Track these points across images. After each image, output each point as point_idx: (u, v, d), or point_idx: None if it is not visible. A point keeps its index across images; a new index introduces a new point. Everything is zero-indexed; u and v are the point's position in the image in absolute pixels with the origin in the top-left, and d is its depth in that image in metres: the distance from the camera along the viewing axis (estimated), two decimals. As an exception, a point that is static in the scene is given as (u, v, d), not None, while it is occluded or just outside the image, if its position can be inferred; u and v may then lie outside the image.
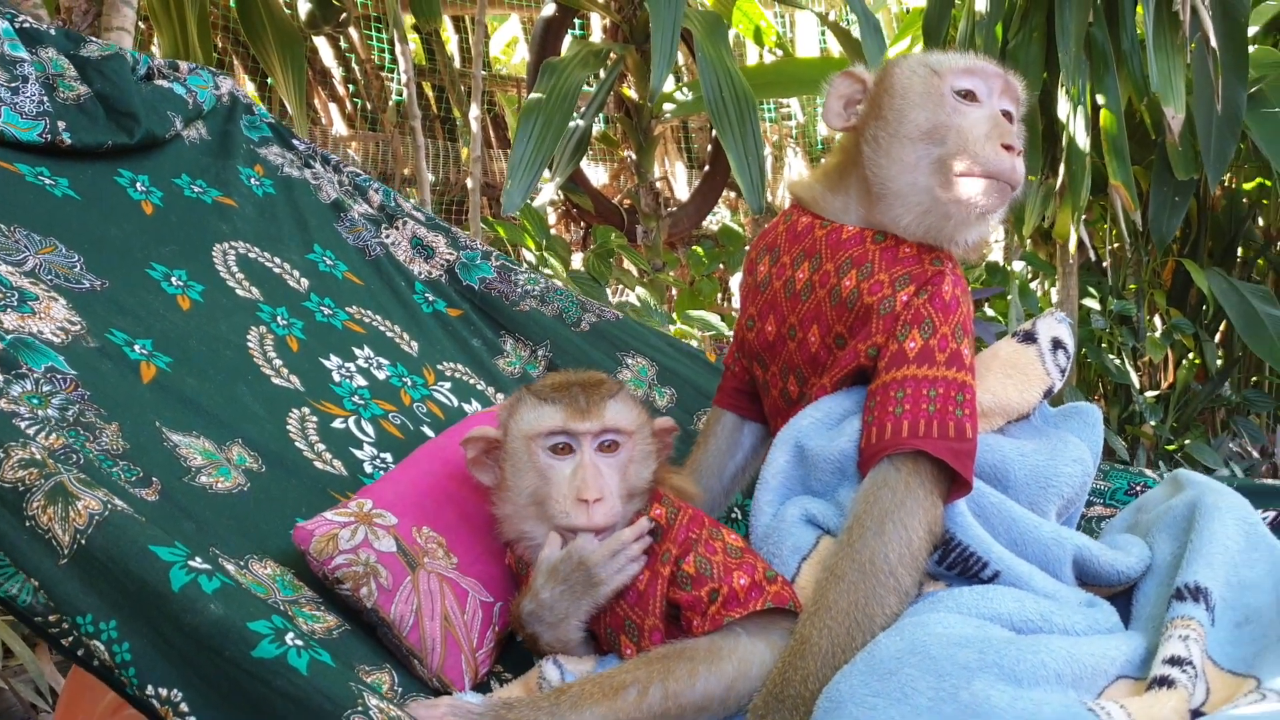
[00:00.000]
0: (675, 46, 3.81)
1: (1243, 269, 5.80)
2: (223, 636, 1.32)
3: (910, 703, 1.44)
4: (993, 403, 1.91)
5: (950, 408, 1.78)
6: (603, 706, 1.54)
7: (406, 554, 1.78)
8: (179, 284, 2.16)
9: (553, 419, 1.79)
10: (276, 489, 1.88)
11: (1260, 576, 1.71)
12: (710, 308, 5.23)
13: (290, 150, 2.71)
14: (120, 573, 1.36)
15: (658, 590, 1.74)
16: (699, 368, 2.66)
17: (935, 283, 1.88)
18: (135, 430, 1.75)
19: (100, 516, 1.39)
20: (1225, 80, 4.47)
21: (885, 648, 1.53)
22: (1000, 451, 1.88)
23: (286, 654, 1.32)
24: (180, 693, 1.32)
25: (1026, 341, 1.98)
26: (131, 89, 2.34)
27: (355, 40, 6.25)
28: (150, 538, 1.39)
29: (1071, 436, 1.97)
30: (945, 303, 1.86)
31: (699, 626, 1.68)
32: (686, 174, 7.29)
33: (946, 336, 1.84)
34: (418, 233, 2.72)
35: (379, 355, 2.35)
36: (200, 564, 1.39)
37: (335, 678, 1.33)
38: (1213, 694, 1.56)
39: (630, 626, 1.75)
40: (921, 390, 1.80)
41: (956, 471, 1.74)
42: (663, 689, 1.58)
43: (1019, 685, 1.46)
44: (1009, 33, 4.59)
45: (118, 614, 1.35)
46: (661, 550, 1.77)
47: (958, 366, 1.82)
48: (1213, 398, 5.51)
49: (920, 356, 1.82)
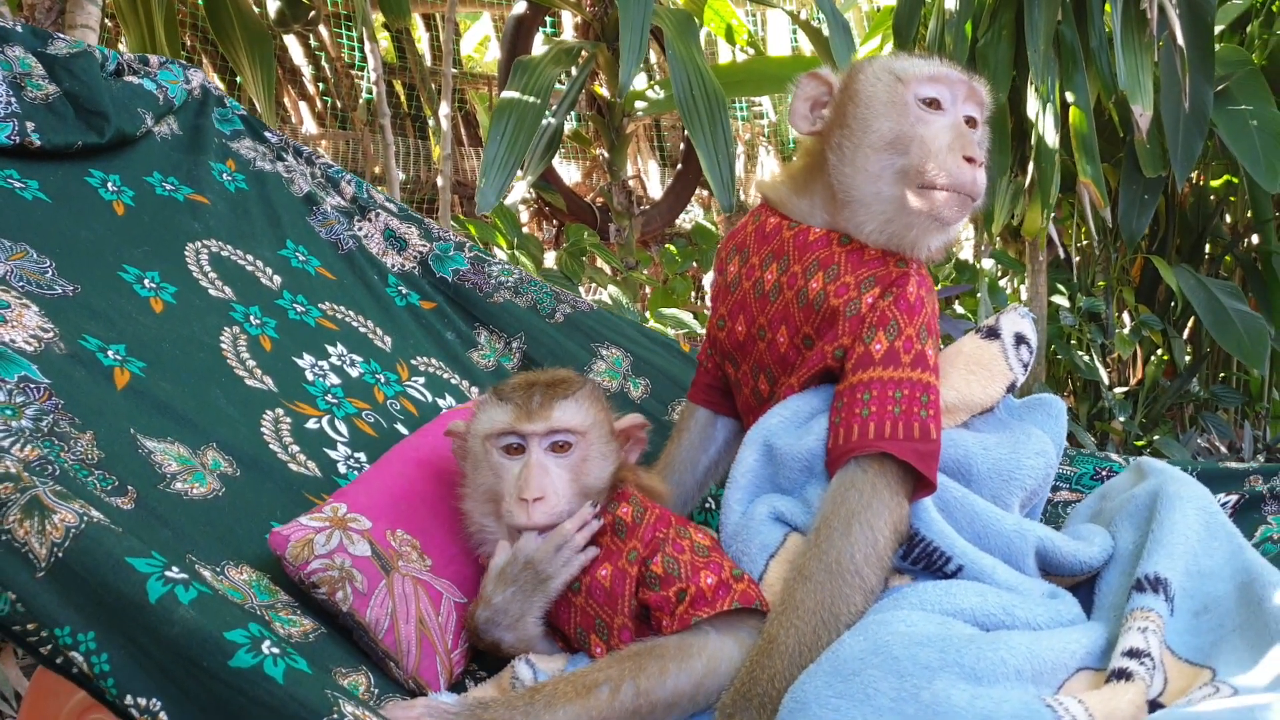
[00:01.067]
0: (644, 44, 3.81)
1: (1210, 265, 5.86)
2: (199, 647, 1.33)
3: (873, 703, 1.47)
4: (956, 399, 1.94)
5: (915, 409, 1.81)
6: (576, 705, 1.55)
7: (381, 558, 1.79)
8: (151, 286, 2.14)
9: (503, 419, 1.84)
10: (251, 493, 1.88)
11: (1219, 565, 1.74)
12: (684, 306, 5.24)
13: (262, 143, 2.68)
14: (97, 585, 1.36)
15: (625, 589, 1.76)
16: (673, 358, 2.67)
17: (900, 284, 1.90)
18: (110, 438, 1.75)
19: (77, 529, 1.39)
20: (1192, 78, 4.52)
21: (849, 648, 1.55)
22: (964, 446, 1.90)
23: (263, 663, 1.32)
24: (159, 702, 1.33)
25: (990, 337, 2.01)
26: (101, 87, 2.31)
27: (325, 38, 6.21)
28: (126, 549, 1.39)
29: (1035, 429, 1.99)
30: (910, 304, 1.88)
31: (668, 626, 1.70)
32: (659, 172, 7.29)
33: (911, 338, 1.86)
34: (390, 224, 2.71)
35: (352, 352, 2.34)
36: (177, 573, 1.39)
37: (311, 685, 1.33)
38: (1170, 684, 1.58)
39: (600, 625, 1.77)
40: (887, 392, 1.82)
41: (921, 473, 1.77)
42: (634, 686, 1.59)
43: (979, 684, 1.49)
44: (978, 31, 4.62)
45: (95, 626, 1.36)
46: (628, 549, 1.80)
47: (922, 367, 1.84)
48: (1181, 393, 5.56)
49: (886, 359, 1.85)
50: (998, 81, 4.53)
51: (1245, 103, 4.90)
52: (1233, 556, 1.74)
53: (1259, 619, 1.60)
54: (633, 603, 1.76)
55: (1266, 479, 2.16)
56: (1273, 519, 2.08)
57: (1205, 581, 1.72)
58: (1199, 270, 5.51)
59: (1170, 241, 5.61)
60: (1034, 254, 4.91)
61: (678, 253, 5.46)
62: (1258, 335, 4.98)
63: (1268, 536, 2.04)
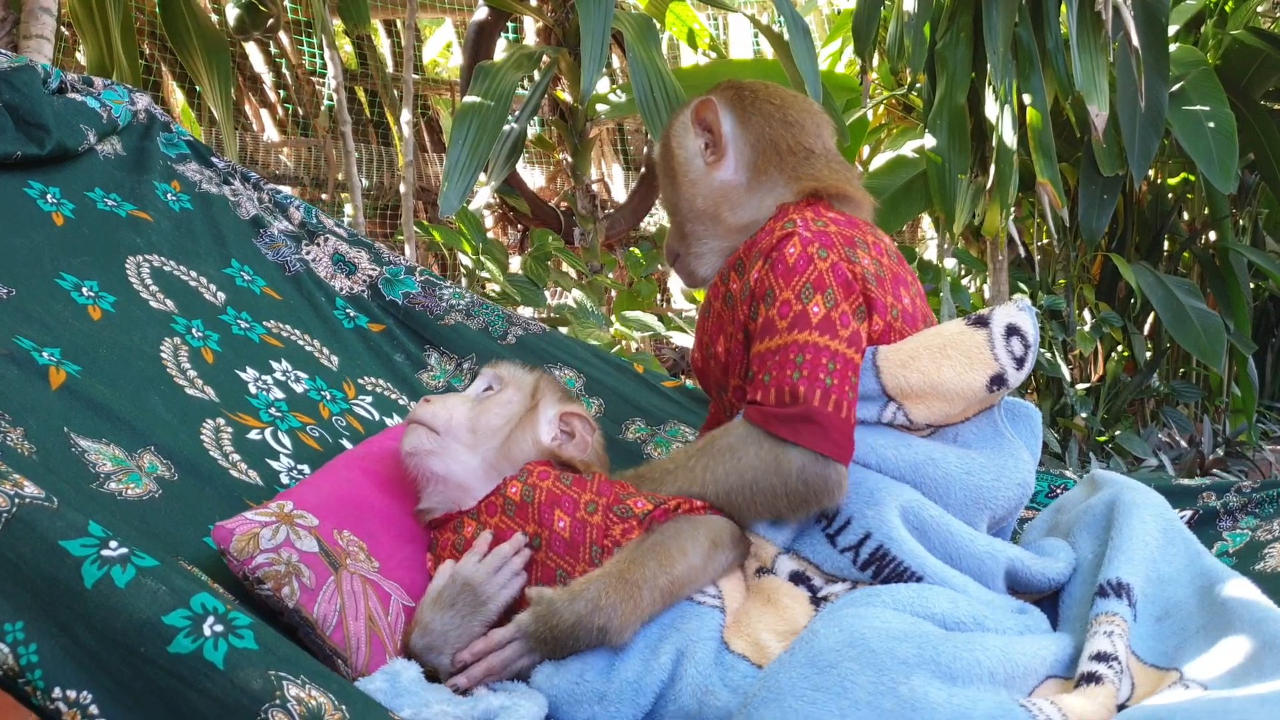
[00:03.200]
0: (605, 49, 3.81)
1: (1169, 262, 5.93)
2: (136, 633, 1.29)
3: (850, 696, 1.45)
4: (922, 381, 1.86)
5: (788, 371, 1.80)
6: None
7: (329, 554, 1.76)
8: (90, 294, 2.12)
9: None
10: (190, 497, 1.85)
11: (1178, 571, 1.74)
12: (649, 309, 5.24)
13: (209, 167, 2.67)
14: (30, 571, 1.32)
15: (587, 538, 1.80)
16: (626, 379, 2.66)
17: (780, 247, 1.89)
18: (42, 435, 1.71)
19: (9, 513, 1.35)
20: (1147, 78, 4.57)
21: (825, 639, 1.53)
22: (944, 467, 1.87)
23: (202, 647, 1.29)
24: (90, 694, 1.28)
25: (977, 325, 1.90)
26: (42, 100, 2.29)
27: (286, 45, 6.18)
28: (60, 531, 1.35)
29: (1025, 453, 1.94)
30: (789, 266, 1.86)
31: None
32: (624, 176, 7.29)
33: (789, 301, 1.84)
34: (339, 249, 2.69)
35: (297, 369, 2.33)
36: (115, 549, 1.35)
37: (254, 666, 1.30)
38: (1137, 688, 1.59)
39: (561, 576, 1.80)
40: (765, 363, 1.83)
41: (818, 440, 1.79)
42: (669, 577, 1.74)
43: (954, 683, 1.48)
44: (937, 33, 4.66)
45: (25, 615, 1.31)
46: (584, 501, 1.84)
47: (800, 328, 1.82)
48: (1142, 389, 5.62)
49: (764, 330, 1.86)
50: (957, 83, 4.57)
51: (1200, 103, 4.96)
52: (1191, 562, 1.75)
53: (1221, 618, 1.61)
54: (592, 551, 1.80)
55: (1219, 494, 2.17)
56: (1228, 534, 2.09)
57: (1166, 587, 1.72)
58: (1158, 267, 5.58)
59: (1129, 239, 5.67)
60: (995, 253, 4.96)
61: (642, 256, 5.46)
62: (1214, 334, 5.05)
63: (1224, 552, 2.05)
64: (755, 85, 2.16)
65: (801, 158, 2.08)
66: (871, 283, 1.89)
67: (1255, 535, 2.05)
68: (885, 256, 1.98)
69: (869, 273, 1.90)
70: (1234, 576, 1.69)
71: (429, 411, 1.94)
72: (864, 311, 1.88)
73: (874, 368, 1.87)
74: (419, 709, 1.55)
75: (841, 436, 1.79)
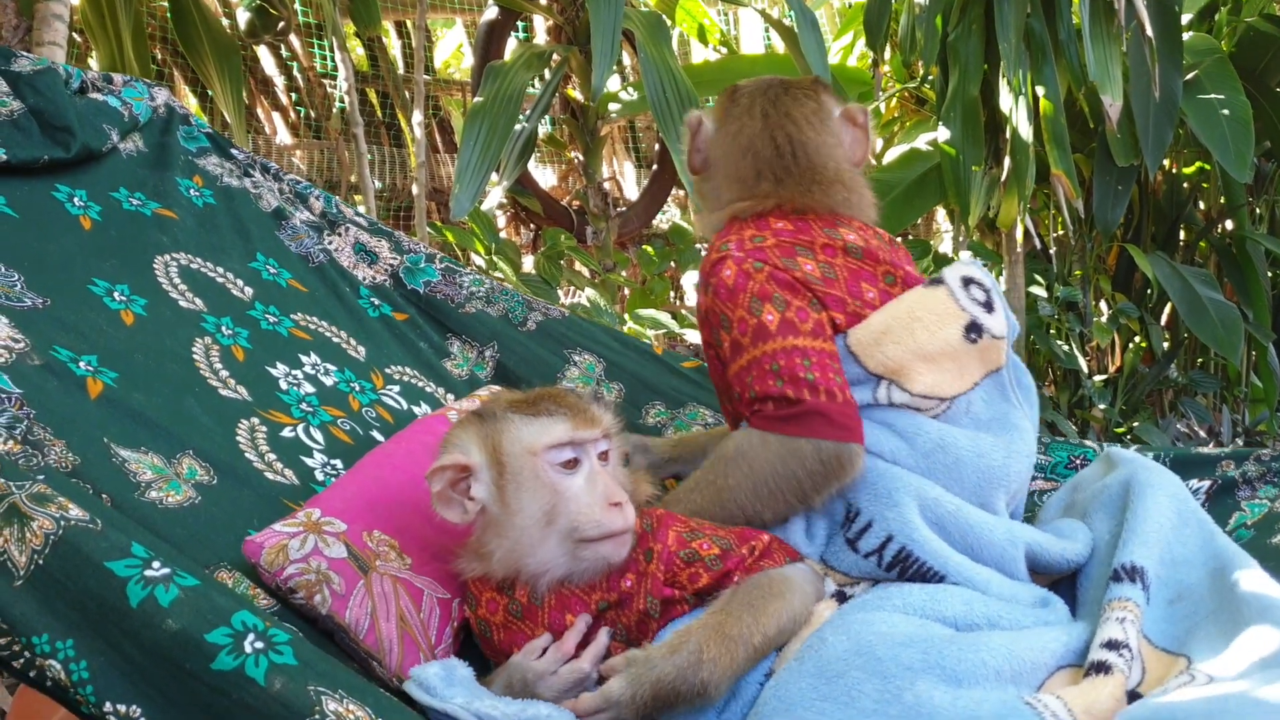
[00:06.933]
0: (616, 47, 3.82)
1: (1185, 252, 5.89)
2: (181, 650, 1.33)
3: (857, 705, 1.47)
4: (899, 352, 1.90)
5: (770, 381, 1.86)
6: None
7: (358, 559, 1.78)
8: (122, 299, 2.14)
9: (560, 430, 1.73)
10: (229, 501, 1.87)
11: (1191, 553, 1.75)
12: (662, 306, 5.24)
13: (229, 160, 2.68)
14: (78, 590, 1.36)
15: (643, 589, 1.74)
16: (646, 362, 2.67)
17: (716, 273, 1.97)
18: (83, 446, 1.74)
19: (55, 536, 1.39)
20: (1161, 68, 4.54)
21: (833, 648, 1.55)
22: (954, 451, 1.88)
23: (244, 664, 1.32)
24: (139, 708, 1.33)
25: (933, 285, 1.96)
26: (66, 103, 2.30)
27: (297, 48, 6.19)
28: (105, 552, 1.39)
29: (1028, 423, 1.97)
30: (729, 288, 1.94)
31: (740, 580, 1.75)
32: (635, 173, 7.29)
33: (743, 319, 1.91)
34: (360, 238, 2.71)
35: (326, 361, 2.34)
36: (158, 569, 1.39)
37: (294, 681, 1.33)
38: (1148, 674, 1.59)
39: (620, 629, 1.75)
40: (744, 379, 1.89)
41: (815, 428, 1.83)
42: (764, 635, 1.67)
43: (959, 685, 1.49)
44: (949, 26, 4.63)
45: (75, 633, 1.35)
46: (643, 553, 1.77)
47: (762, 339, 1.89)
48: (1160, 380, 5.58)
49: (733, 352, 1.92)
50: (970, 75, 4.55)
51: (1214, 91, 4.93)
52: (1205, 544, 1.76)
53: (1231, 604, 1.61)
54: (646, 601, 1.74)
55: (1239, 464, 2.16)
56: (1246, 504, 2.08)
57: (1179, 569, 1.73)
58: (1174, 257, 5.54)
59: (1145, 229, 5.64)
60: (1010, 245, 4.93)
61: (655, 253, 5.46)
62: (1232, 324, 5.02)
63: (1242, 523, 2.04)
64: (744, 91, 2.18)
65: (779, 169, 2.11)
66: (817, 283, 1.94)
67: (1274, 506, 2.05)
68: (840, 255, 1.99)
69: (812, 276, 1.95)
70: (1246, 562, 1.69)
71: (630, 515, 1.75)
72: (818, 304, 1.93)
73: (849, 354, 1.91)
74: (470, 699, 1.57)
75: (845, 419, 1.83)
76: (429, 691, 1.59)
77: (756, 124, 2.11)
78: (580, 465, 1.74)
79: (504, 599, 1.78)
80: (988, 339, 1.92)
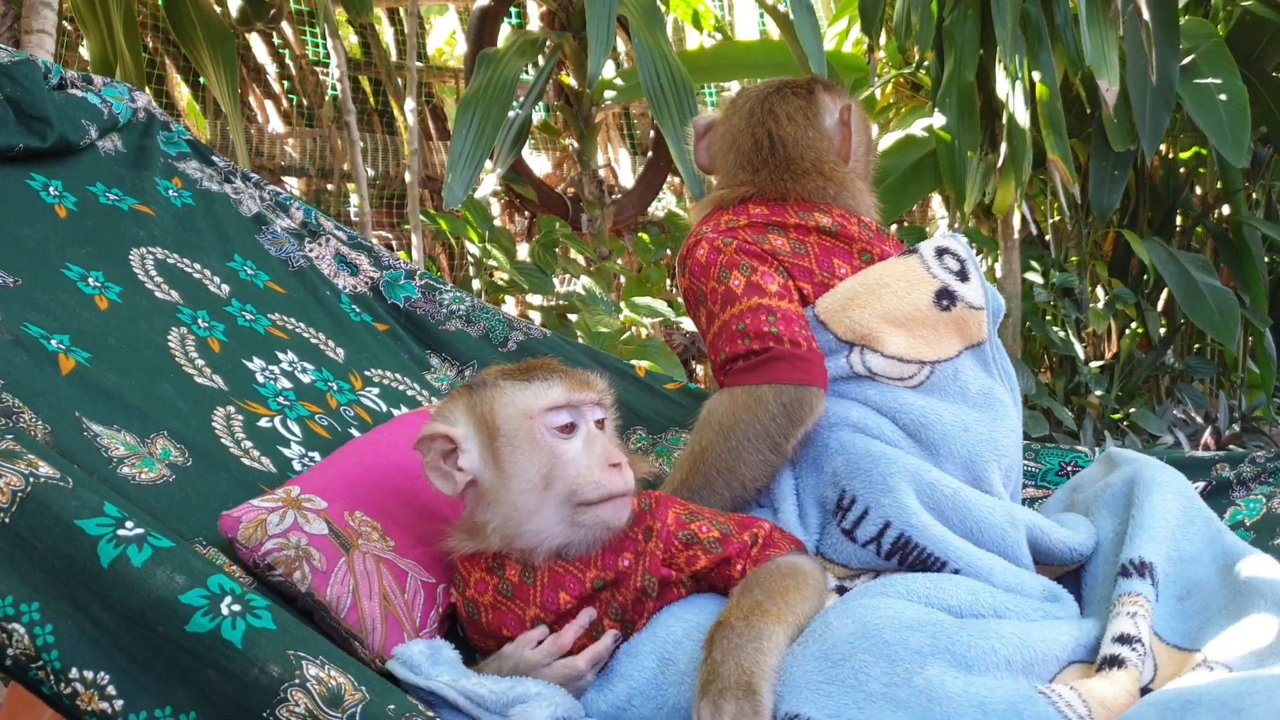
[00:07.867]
0: (611, 33, 3.78)
1: (1182, 237, 5.88)
2: (155, 612, 1.29)
3: (864, 689, 1.43)
4: (867, 317, 1.94)
5: (737, 341, 1.94)
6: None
7: (339, 536, 1.73)
8: (96, 284, 2.10)
9: (556, 393, 1.71)
10: (204, 482, 1.82)
11: (1199, 550, 1.73)
12: (658, 294, 5.22)
13: (209, 166, 2.66)
14: (46, 550, 1.31)
15: (641, 567, 1.71)
16: (627, 384, 2.62)
17: (692, 254, 2.09)
18: (54, 419, 1.69)
19: (23, 493, 1.33)
20: (1158, 52, 4.52)
21: (838, 631, 1.51)
22: (940, 429, 1.89)
23: (220, 626, 1.28)
24: (107, 674, 1.28)
25: (907, 254, 2.02)
26: (44, 94, 2.27)
27: (289, 36, 6.15)
28: (75, 510, 1.34)
29: (1010, 400, 1.99)
30: (703, 265, 2.05)
31: (743, 570, 1.71)
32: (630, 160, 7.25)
33: (714, 290, 2.02)
34: (341, 250, 2.69)
35: (303, 360, 2.31)
36: (131, 529, 1.34)
37: (273, 645, 1.29)
38: (1160, 670, 1.57)
39: (614, 608, 1.73)
40: (716, 343, 2.00)
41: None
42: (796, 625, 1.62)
43: (970, 671, 1.46)
44: (944, 11, 4.61)
45: (41, 595, 1.30)
46: (641, 532, 1.74)
47: (730, 303, 1.98)
48: (1156, 366, 5.58)
49: (708, 323, 2.03)
50: (966, 60, 4.53)
51: (1211, 75, 4.91)
52: (1212, 540, 1.74)
53: (1243, 597, 1.60)
54: (644, 579, 1.71)
55: (1233, 465, 2.17)
56: (1241, 501, 2.08)
57: (1187, 566, 1.71)
58: (1170, 242, 5.53)
59: (1141, 215, 5.63)
60: (1006, 231, 4.92)
61: (650, 241, 5.44)
62: (1228, 310, 5.01)
63: (1238, 520, 2.04)
64: (743, 92, 2.29)
65: (756, 160, 2.20)
66: (785, 255, 2.02)
67: (1270, 504, 2.04)
68: (813, 235, 2.06)
69: (781, 250, 2.03)
70: (1255, 554, 1.68)
71: (630, 478, 1.72)
72: (784, 273, 2.00)
73: (819, 323, 1.96)
74: (456, 678, 1.55)
75: (805, 363, 1.88)
76: (414, 670, 1.57)
77: (743, 121, 2.22)
78: (577, 429, 1.72)
79: (494, 579, 1.74)
80: (963, 307, 1.94)
